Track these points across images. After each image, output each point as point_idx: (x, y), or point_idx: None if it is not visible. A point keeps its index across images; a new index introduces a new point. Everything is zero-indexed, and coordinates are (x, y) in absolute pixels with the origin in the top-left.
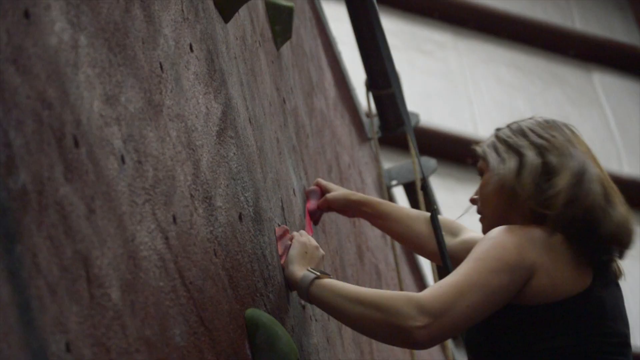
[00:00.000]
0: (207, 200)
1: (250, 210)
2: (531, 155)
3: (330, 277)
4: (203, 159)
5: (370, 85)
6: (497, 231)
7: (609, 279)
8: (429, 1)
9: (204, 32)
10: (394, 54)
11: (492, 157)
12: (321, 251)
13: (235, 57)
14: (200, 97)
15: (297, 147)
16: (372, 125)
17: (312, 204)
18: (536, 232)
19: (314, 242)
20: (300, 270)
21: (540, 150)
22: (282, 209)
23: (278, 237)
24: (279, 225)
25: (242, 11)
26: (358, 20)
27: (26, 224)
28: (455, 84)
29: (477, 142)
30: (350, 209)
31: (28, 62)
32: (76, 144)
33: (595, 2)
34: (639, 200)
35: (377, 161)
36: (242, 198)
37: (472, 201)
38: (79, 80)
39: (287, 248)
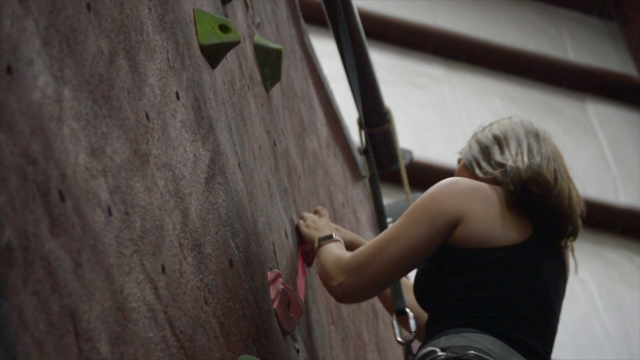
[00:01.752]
0: (197, 248)
1: (241, 256)
2: (486, 138)
3: (331, 240)
4: (192, 207)
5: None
6: (437, 184)
7: (554, 253)
8: (422, 35)
9: (191, 79)
10: (388, 88)
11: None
12: (322, 220)
13: (224, 103)
14: (188, 144)
15: (289, 189)
16: (366, 163)
17: (305, 245)
18: (472, 183)
19: (314, 217)
20: (314, 238)
21: (497, 135)
22: (274, 252)
23: (270, 281)
24: (271, 270)
25: (230, 55)
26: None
27: (12, 280)
28: (449, 117)
29: None
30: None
31: (11, 118)
32: (62, 198)
33: (588, 32)
34: (636, 230)
35: (371, 199)
36: (232, 244)
37: None
38: (64, 134)
39: (280, 292)
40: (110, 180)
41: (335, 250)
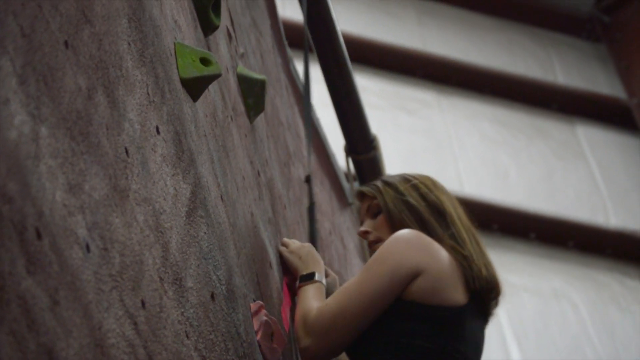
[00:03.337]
0: (178, 282)
1: (223, 288)
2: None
3: (312, 281)
4: (172, 240)
5: (350, 150)
6: (393, 236)
7: (481, 312)
8: (411, 60)
9: (171, 113)
10: (378, 113)
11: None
12: (305, 246)
13: (205, 135)
14: (168, 178)
15: (273, 219)
16: (353, 190)
17: (290, 276)
18: (428, 239)
19: (297, 243)
20: (298, 269)
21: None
22: (258, 283)
23: (253, 313)
24: (254, 301)
25: (213, 87)
26: (335, 87)
27: None
28: (439, 142)
29: (463, 200)
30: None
31: None
32: (38, 236)
33: (577, 55)
34: (627, 253)
35: (359, 226)
36: (214, 277)
37: (365, 234)
38: (41, 172)
39: (263, 323)
40: (88, 217)
41: (308, 302)
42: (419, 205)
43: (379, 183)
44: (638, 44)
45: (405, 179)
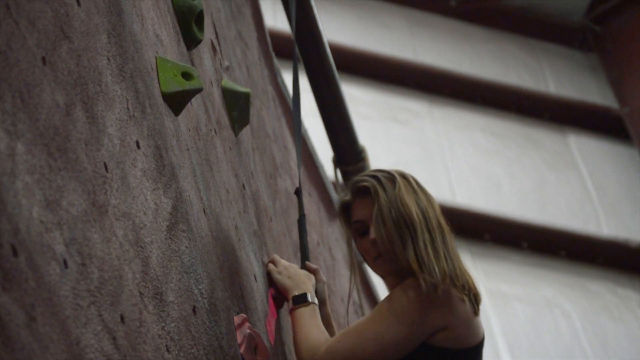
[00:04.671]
0: (158, 297)
1: (205, 302)
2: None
3: (306, 303)
4: (153, 255)
5: (338, 161)
6: (414, 286)
7: None
8: (403, 70)
9: (152, 127)
10: (369, 124)
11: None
12: (294, 266)
13: (188, 149)
14: (149, 193)
15: (258, 231)
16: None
17: (276, 288)
18: (447, 288)
19: (286, 264)
20: (289, 289)
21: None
22: (242, 296)
23: (237, 325)
24: (238, 314)
25: (196, 101)
26: (323, 97)
27: None
28: (431, 152)
29: (455, 211)
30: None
31: None
32: (14, 252)
33: (569, 65)
34: (619, 261)
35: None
36: (195, 291)
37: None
38: (17, 189)
39: (246, 337)
40: (66, 233)
41: (312, 332)
42: (409, 218)
43: (377, 187)
44: (629, 54)
45: (395, 185)
